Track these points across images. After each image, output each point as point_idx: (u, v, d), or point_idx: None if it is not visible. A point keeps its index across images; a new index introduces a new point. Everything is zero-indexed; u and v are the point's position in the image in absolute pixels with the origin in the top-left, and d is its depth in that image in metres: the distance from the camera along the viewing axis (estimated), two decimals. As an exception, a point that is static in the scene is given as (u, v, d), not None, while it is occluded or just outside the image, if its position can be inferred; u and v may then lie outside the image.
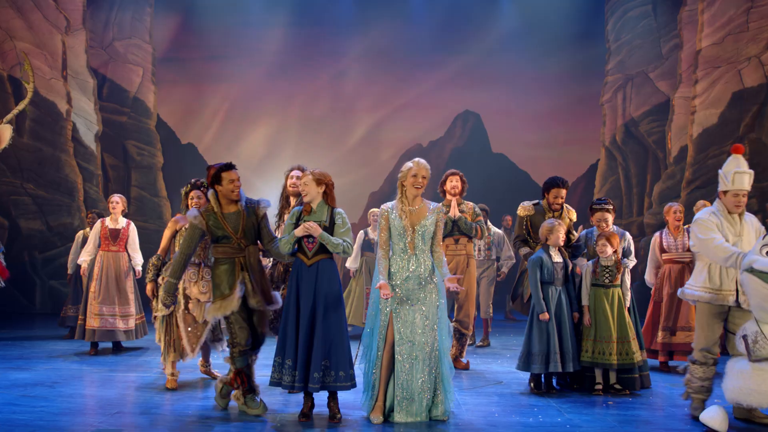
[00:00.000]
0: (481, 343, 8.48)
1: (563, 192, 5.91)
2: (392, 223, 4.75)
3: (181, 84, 13.76)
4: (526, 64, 13.66)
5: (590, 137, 13.74)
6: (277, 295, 5.05)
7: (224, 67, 13.64)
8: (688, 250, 6.89)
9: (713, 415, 4.51)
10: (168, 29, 13.76)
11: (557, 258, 5.59)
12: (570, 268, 5.68)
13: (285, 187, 5.90)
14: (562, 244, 5.57)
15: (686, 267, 6.92)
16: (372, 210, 9.21)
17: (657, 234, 7.20)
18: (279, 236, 5.96)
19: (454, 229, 6.63)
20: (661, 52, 13.29)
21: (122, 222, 7.75)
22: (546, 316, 5.45)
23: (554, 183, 5.91)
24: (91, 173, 12.65)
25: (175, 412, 4.87)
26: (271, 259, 5.98)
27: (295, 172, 5.88)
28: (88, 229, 8.55)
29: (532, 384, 5.68)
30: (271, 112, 13.86)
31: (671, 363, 6.94)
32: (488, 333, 8.71)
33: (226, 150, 13.70)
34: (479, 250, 8.68)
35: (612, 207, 5.95)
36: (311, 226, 4.62)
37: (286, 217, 5.84)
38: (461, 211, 6.67)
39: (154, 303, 5.71)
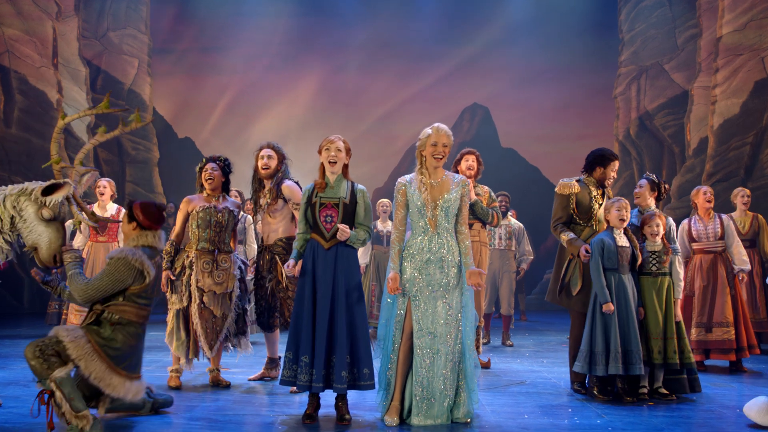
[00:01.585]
0: (509, 343, 7.88)
1: (617, 166, 5.28)
2: (410, 198, 4.17)
3: (178, 76, 13.35)
4: (536, 56, 13.28)
5: (603, 131, 13.26)
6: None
7: (223, 58, 13.24)
8: (721, 238, 6.36)
9: (756, 407, 4.14)
10: (165, 19, 13.40)
11: (623, 242, 4.89)
12: (640, 258, 4.95)
13: (256, 169, 5.34)
14: (623, 225, 4.92)
15: (719, 257, 6.37)
16: (381, 201, 8.70)
17: (685, 221, 6.61)
18: (260, 223, 5.46)
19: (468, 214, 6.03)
20: (676, 43, 12.86)
21: (111, 209, 7.19)
22: (610, 307, 4.76)
23: (613, 155, 5.23)
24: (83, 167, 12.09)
25: (165, 414, 4.30)
26: (248, 245, 5.46)
27: (266, 151, 5.33)
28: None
29: (575, 386, 5.08)
30: (271, 105, 13.43)
31: (707, 362, 6.38)
32: (509, 331, 8.09)
33: (224, 145, 13.22)
34: (500, 238, 8.10)
35: (655, 183, 5.36)
36: (343, 231, 4.11)
37: (263, 202, 5.30)
38: (476, 194, 6.10)
39: (168, 295, 5.16)
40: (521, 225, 8.39)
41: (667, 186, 5.45)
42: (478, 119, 13.78)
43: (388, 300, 4.19)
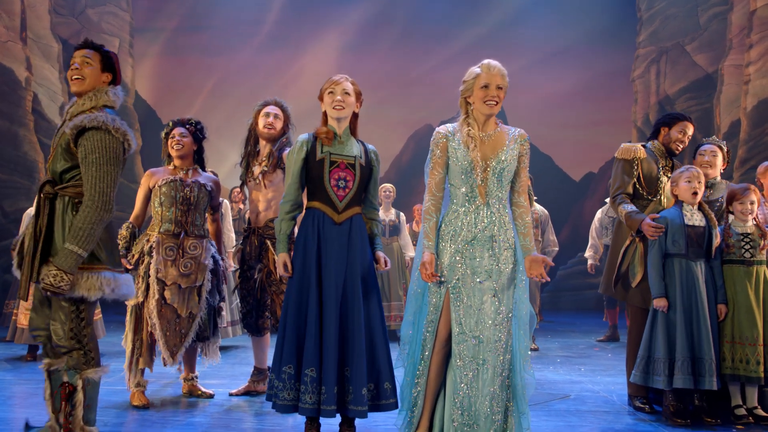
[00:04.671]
0: (534, 346, 6.88)
1: (691, 130, 4.33)
2: (453, 155, 3.14)
3: (162, 57, 12.64)
4: (548, 37, 12.45)
5: (620, 117, 12.49)
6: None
7: (211, 38, 12.49)
8: (790, 225, 5.37)
9: None
10: (147, -5, 12.53)
11: (695, 220, 3.92)
12: (718, 240, 3.97)
13: (254, 127, 4.39)
14: (696, 199, 3.95)
15: (787, 247, 5.38)
16: (384, 185, 7.80)
17: None
18: (248, 194, 4.57)
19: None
20: (698, 22, 12.12)
21: None
22: (663, 302, 3.83)
23: (683, 116, 4.34)
24: (55, 152, 11.11)
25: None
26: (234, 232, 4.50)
27: (272, 109, 4.40)
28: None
29: (637, 402, 4.10)
30: (263, 88, 12.46)
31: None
32: (534, 333, 7.09)
33: (213, 131, 12.02)
34: None
35: (721, 149, 4.39)
36: (384, 264, 3.33)
37: (257, 170, 4.31)
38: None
39: None
40: (546, 212, 7.34)
41: (729, 152, 4.49)
42: (486, 104, 12.93)
43: (417, 290, 3.17)
